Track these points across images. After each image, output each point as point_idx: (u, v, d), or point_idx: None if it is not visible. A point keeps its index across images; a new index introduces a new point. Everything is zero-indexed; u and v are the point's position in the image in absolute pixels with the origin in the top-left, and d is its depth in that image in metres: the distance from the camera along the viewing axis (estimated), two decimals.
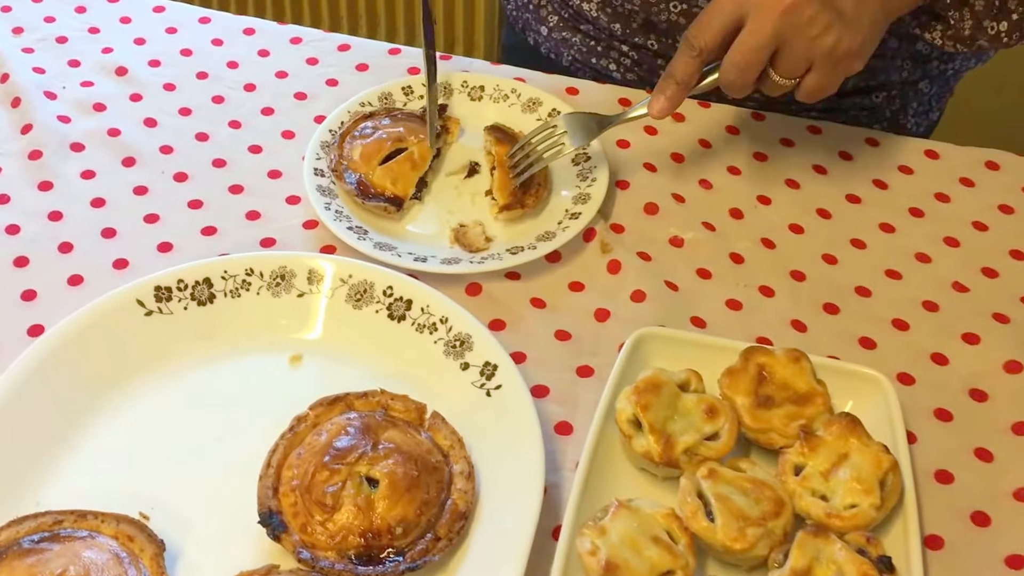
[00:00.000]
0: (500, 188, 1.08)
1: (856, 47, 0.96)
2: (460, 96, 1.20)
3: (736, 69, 0.97)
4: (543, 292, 1.03)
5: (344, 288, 0.98)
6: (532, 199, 1.08)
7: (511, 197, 1.07)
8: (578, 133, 1.07)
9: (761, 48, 0.95)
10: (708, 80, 1.01)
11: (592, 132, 1.07)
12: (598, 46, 1.30)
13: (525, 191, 1.08)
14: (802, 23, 0.94)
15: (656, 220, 1.10)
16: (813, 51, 0.96)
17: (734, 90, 1.00)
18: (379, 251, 1.02)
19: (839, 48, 0.95)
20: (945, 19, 1.08)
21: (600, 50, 1.30)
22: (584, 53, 1.32)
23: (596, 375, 0.96)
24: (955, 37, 1.08)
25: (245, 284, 0.97)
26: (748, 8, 0.95)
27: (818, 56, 0.96)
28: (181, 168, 1.13)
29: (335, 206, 1.07)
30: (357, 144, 1.10)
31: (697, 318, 1.01)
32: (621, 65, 1.30)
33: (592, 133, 1.07)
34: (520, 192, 1.08)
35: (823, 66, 0.97)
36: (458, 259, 1.03)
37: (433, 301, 0.96)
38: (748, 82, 0.97)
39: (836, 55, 0.96)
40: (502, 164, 1.09)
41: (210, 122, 1.18)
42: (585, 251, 1.06)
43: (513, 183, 1.08)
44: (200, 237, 1.06)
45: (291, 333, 0.97)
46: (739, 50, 0.96)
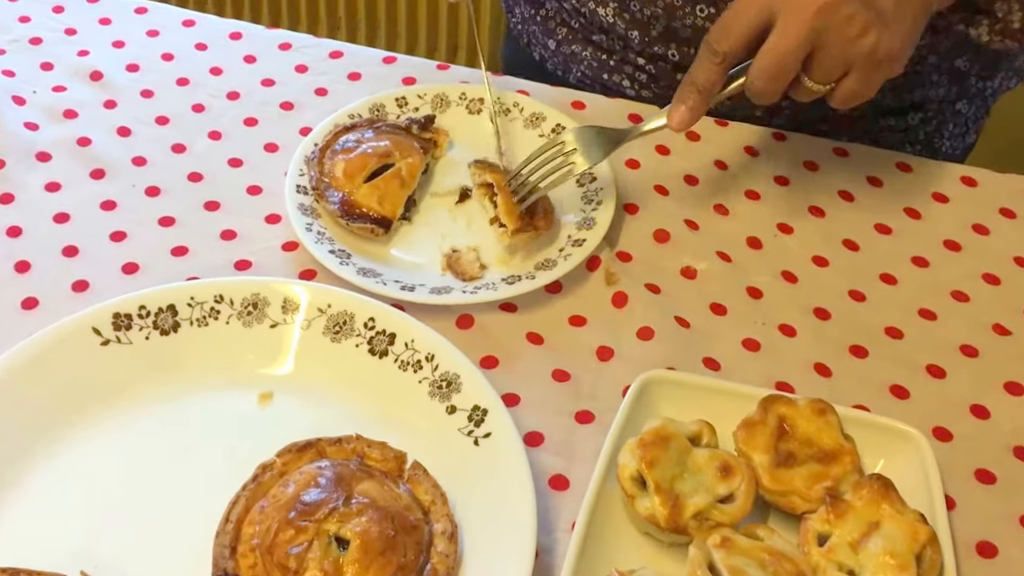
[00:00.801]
0: (507, 213, 0.98)
1: (897, 49, 0.86)
2: (457, 108, 1.11)
3: (765, 75, 0.87)
4: (541, 326, 0.93)
5: (322, 319, 0.88)
6: (543, 220, 0.98)
7: (520, 220, 0.97)
8: (589, 150, 0.96)
9: (793, 52, 0.85)
10: (732, 87, 0.91)
11: (604, 149, 0.96)
12: (610, 60, 1.21)
13: (533, 214, 0.99)
14: (839, 22, 0.84)
15: (667, 249, 1.00)
16: (851, 53, 0.86)
17: (762, 98, 0.90)
18: (363, 278, 0.92)
19: (879, 50, 0.85)
20: (991, 13, 0.98)
21: (613, 64, 1.21)
22: (595, 68, 1.22)
23: (597, 421, 0.86)
24: (1004, 31, 0.98)
25: (213, 312, 0.88)
26: (777, 7, 0.85)
27: (857, 59, 0.86)
28: (154, 182, 1.04)
29: (317, 227, 0.97)
30: (339, 159, 1.01)
31: (710, 359, 0.91)
32: (635, 81, 1.20)
33: (604, 150, 0.96)
34: (528, 215, 0.98)
35: (862, 69, 0.87)
36: (449, 288, 0.94)
37: (419, 335, 0.87)
38: (778, 89, 0.87)
39: (876, 57, 0.86)
40: (503, 188, 1.00)
41: (188, 132, 1.09)
42: (588, 282, 0.97)
43: (518, 208, 0.98)
44: (169, 258, 0.97)
45: (261, 368, 0.88)
46: (769, 55, 0.86)
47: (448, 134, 1.07)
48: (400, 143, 1.03)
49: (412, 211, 1.02)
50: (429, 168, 1.05)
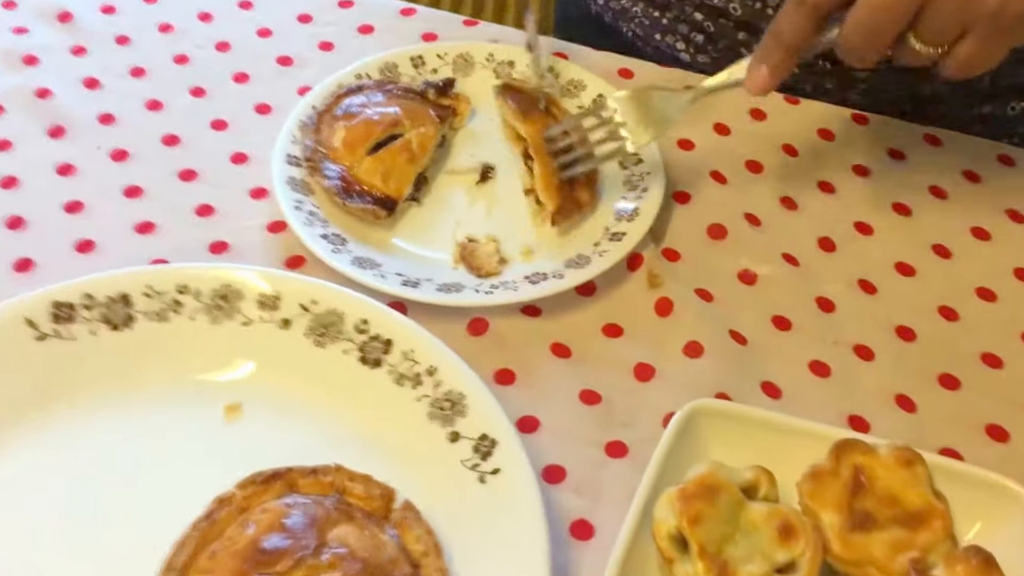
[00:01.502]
0: (546, 187, 0.85)
1: None
2: (483, 71, 0.97)
3: (862, 31, 0.72)
4: (568, 336, 0.80)
5: (305, 318, 0.75)
6: (586, 193, 0.85)
7: (561, 196, 0.84)
8: (645, 120, 0.83)
9: (899, 4, 0.71)
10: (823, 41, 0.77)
11: (664, 118, 0.83)
12: (663, 17, 1.06)
13: (573, 185, 0.85)
14: None
15: (723, 247, 0.86)
16: (971, 11, 0.70)
17: (857, 58, 0.75)
18: (358, 269, 0.79)
19: (1008, 9, 0.70)
20: None
21: (666, 22, 1.06)
22: (646, 27, 1.08)
23: (631, 456, 0.73)
24: None
25: (176, 305, 0.75)
26: None
27: (978, 18, 0.71)
28: (122, 144, 0.91)
29: (309, 205, 0.84)
30: (340, 126, 0.87)
31: (770, 384, 0.78)
32: (691, 43, 1.06)
33: (664, 120, 0.83)
34: (568, 187, 0.85)
35: (983, 32, 0.71)
36: (460, 286, 0.80)
37: (420, 344, 0.73)
38: (877, 48, 0.74)
39: (1003, 19, 0.70)
40: (540, 149, 0.86)
41: (167, 87, 0.96)
42: (627, 284, 0.83)
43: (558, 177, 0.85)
44: (132, 235, 0.84)
45: (229, 374, 0.75)
46: (868, 5, 0.72)
47: (470, 102, 0.93)
48: (413, 110, 0.90)
49: (422, 191, 0.88)
50: (446, 140, 0.92)
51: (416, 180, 0.87)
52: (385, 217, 0.84)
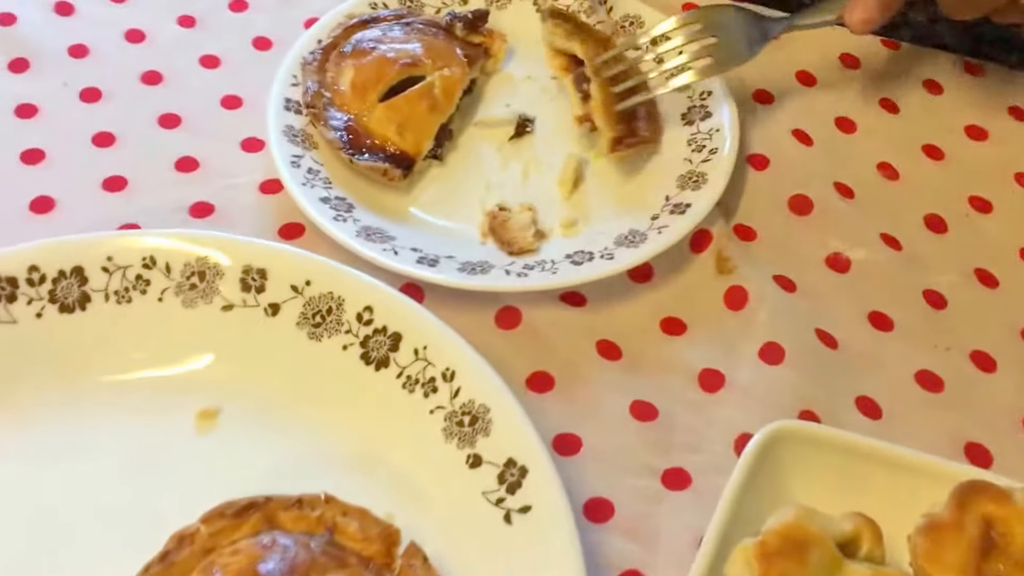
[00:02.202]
0: (604, 109, 0.72)
1: None
2: (520, 4, 0.82)
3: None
4: (619, 332, 0.66)
5: (296, 303, 0.62)
6: (647, 127, 0.73)
7: (620, 124, 0.72)
8: (730, 39, 0.71)
9: None
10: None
11: (750, 41, 0.71)
12: None
13: (632, 118, 0.73)
14: None
15: (808, 225, 0.72)
16: None
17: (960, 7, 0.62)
18: (365, 242, 0.66)
19: None
20: None
21: None
22: None
23: (695, 489, 0.60)
24: None
25: (141, 282, 0.63)
26: None
27: None
28: (94, 81, 0.78)
29: (309, 161, 0.71)
30: (348, 66, 0.74)
31: (867, 400, 0.64)
32: None
33: (750, 43, 0.71)
34: (625, 117, 0.73)
35: None
36: (488, 265, 0.67)
37: (435, 340, 0.60)
38: None
39: None
40: (598, 73, 0.74)
41: (151, 14, 0.83)
42: (691, 268, 0.70)
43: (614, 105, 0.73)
44: (99, 193, 0.72)
45: (204, 370, 0.62)
46: None
47: (506, 39, 0.79)
48: (437, 48, 0.76)
49: (446, 147, 0.75)
50: (475, 86, 0.78)
51: (438, 133, 0.73)
52: (400, 179, 0.71)
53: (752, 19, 0.71)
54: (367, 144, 0.71)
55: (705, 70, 0.71)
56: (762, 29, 0.71)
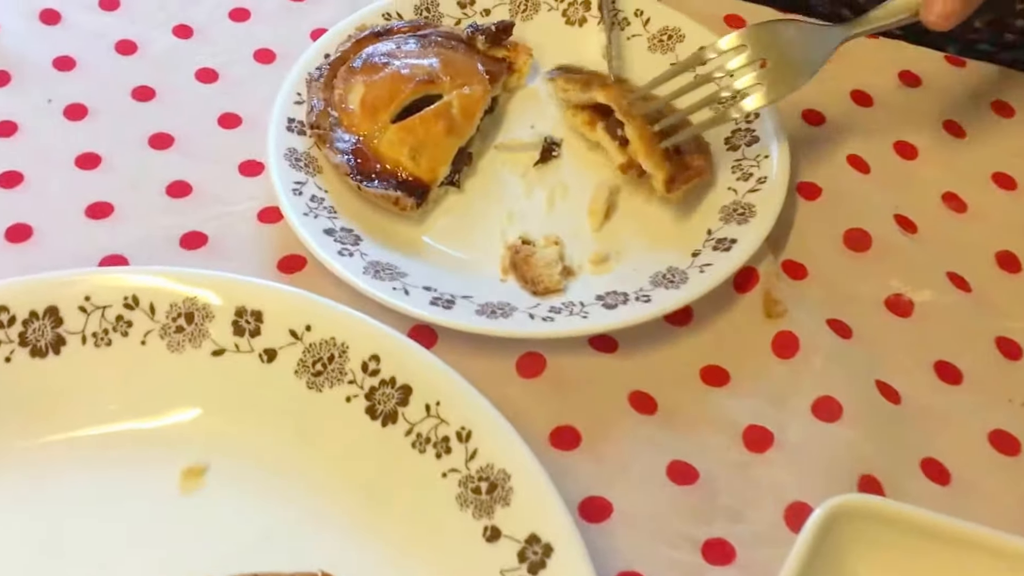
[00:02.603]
0: (648, 149, 0.66)
1: None
2: (549, 15, 0.76)
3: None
4: (654, 382, 0.60)
5: (296, 349, 0.57)
6: (701, 159, 0.67)
7: (668, 162, 0.66)
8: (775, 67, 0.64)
9: None
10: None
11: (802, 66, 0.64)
12: None
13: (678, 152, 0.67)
14: None
15: (866, 262, 0.66)
16: None
17: None
18: (373, 280, 0.60)
19: None
20: None
21: None
22: None
23: (739, 564, 0.54)
24: None
25: (122, 324, 0.57)
26: None
27: None
28: (80, 96, 0.72)
29: (312, 188, 0.65)
30: (358, 82, 0.68)
31: (934, 463, 0.58)
32: None
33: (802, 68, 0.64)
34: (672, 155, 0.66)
35: None
36: (510, 307, 0.61)
37: (450, 394, 0.55)
38: None
39: None
40: (629, 110, 0.67)
41: (145, 24, 0.78)
42: (736, 311, 0.64)
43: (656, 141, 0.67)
44: (82, 221, 0.66)
45: (192, 425, 0.56)
46: None
47: (532, 54, 0.73)
48: (455, 63, 0.70)
49: (464, 172, 0.69)
50: (497, 105, 0.72)
51: (456, 158, 0.67)
52: (413, 208, 0.65)
53: (814, 31, 0.64)
54: (377, 169, 0.65)
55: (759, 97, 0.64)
56: (826, 42, 0.64)
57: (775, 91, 0.63)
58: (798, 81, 0.63)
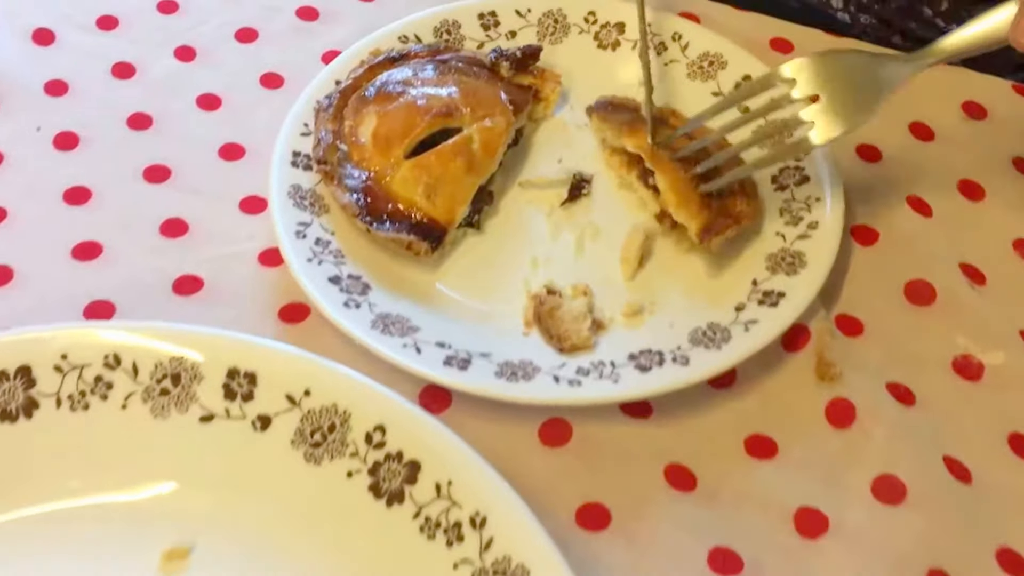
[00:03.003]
0: (679, 197, 0.59)
1: None
2: (580, 39, 0.70)
3: None
4: (692, 452, 0.54)
5: (293, 416, 0.50)
6: (744, 204, 0.60)
7: (706, 210, 0.59)
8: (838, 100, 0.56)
9: None
10: None
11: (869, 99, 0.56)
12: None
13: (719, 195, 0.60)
14: None
15: (929, 317, 0.59)
16: None
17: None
18: (382, 336, 0.54)
19: None
20: None
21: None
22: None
23: None
24: None
25: (101, 386, 0.51)
26: None
27: None
28: (72, 124, 0.67)
29: (317, 230, 0.59)
30: (370, 113, 0.62)
31: (1012, 554, 0.51)
32: (852, 0, 0.78)
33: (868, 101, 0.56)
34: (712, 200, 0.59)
35: None
36: (532, 367, 0.54)
37: (463, 474, 0.48)
38: None
39: None
40: (658, 157, 0.60)
41: (145, 44, 0.72)
42: (784, 372, 0.57)
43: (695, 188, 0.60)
44: (67, 262, 0.60)
45: (176, 499, 0.50)
46: None
47: (560, 81, 0.67)
48: (477, 92, 0.63)
49: (484, 213, 0.62)
50: (522, 137, 0.65)
51: (476, 197, 0.61)
52: (427, 253, 0.58)
53: (874, 64, 0.57)
54: (389, 209, 0.59)
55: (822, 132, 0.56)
56: (888, 73, 0.56)
57: (830, 130, 0.56)
58: (857, 119, 0.56)
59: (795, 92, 0.57)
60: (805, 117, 0.56)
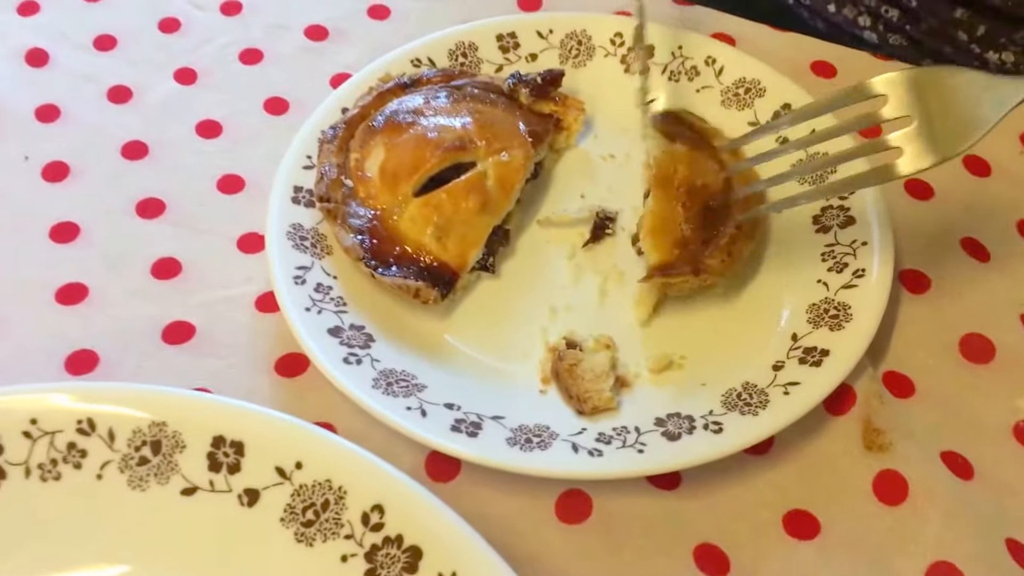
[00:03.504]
0: (654, 228, 0.55)
1: None
2: (602, 62, 0.64)
3: None
4: (724, 530, 0.49)
5: (283, 491, 0.45)
6: (719, 259, 0.53)
7: (676, 249, 0.54)
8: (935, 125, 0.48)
9: None
10: None
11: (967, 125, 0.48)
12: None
13: (708, 240, 0.53)
14: None
15: (987, 377, 0.54)
16: None
17: None
18: (384, 397, 0.49)
19: None
20: None
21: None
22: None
23: None
24: None
25: (74, 454, 0.46)
26: None
27: None
28: (62, 153, 0.62)
29: (318, 274, 0.53)
30: (377, 144, 0.56)
31: None
32: (880, 20, 0.72)
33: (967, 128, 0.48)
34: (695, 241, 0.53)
35: None
36: (550, 433, 0.49)
37: (469, 564, 0.42)
38: None
39: None
40: (665, 180, 0.56)
41: (144, 67, 0.67)
42: (828, 437, 0.51)
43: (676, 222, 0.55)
44: (51, 307, 0.55)
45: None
46: None
47: (584, 108, 0.61)
48: (493, 122, 0.58)
49: (500, 254, 0.57)
50: (542, 170, 0.60)
51: (491, 237, 0.55)
52: (436, 300, 0.53)
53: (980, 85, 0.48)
54: (396, 252, 0.53)
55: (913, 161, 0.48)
56: (997, 96, 0.47)
57: (920, 159, 0.48)
58: (954, 147, 0.48)
59: (885, 111, 0.49)
60: (894, 141, 0.49)
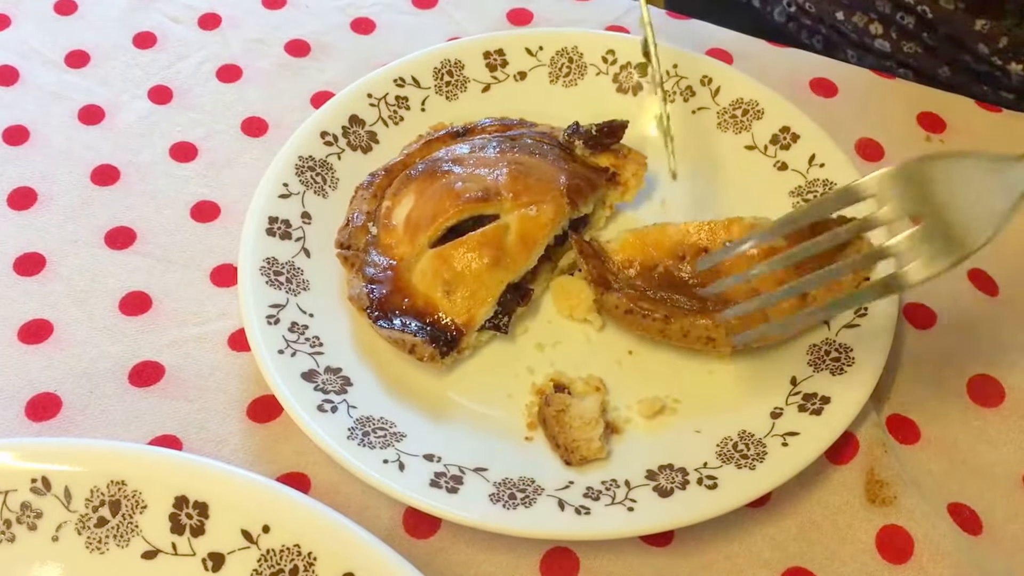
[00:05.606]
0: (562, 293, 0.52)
1: None
2: (597, 81, 0.59)
3: None
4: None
5: (249, 556, 0.41)
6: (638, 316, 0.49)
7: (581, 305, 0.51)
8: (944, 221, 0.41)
9: None
10: None
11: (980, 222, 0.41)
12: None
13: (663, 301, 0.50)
14: None
15: (997, 422, 0.50)
16: None
17: None
18: (358, 449, 0.44)
19: None
20: None
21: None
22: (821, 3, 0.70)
23: None
24: None
25: (28, 514, 0.42)
26: None
27: None
28: (30, 179, 0.57)
29: (293, 311, 0.49)
30: (410, 192, 0.52)
31: None
32: (893, 26, 0.67)
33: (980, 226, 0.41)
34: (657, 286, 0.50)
35: None
36: (535, 488, 0.45)
37: None
38: None
39: None
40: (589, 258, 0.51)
41: (117, 85, 0.62)
42: (829, 489, 0.47)
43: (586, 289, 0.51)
44: (13, 345, 0.51)
45: None
46: None
47: (646, 163, 0.55)
48: (530, 175, 0.52)
49: (518, 313, 0.51)
50: (587, 226, 0.54)
51: (508, 295, 0.50)
52: (433, 358, 0.48)
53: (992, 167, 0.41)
54: (404, 305, 0.49)
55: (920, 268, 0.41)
56: (1007, 182, 0.40)
57: (934, 262, 0.41)
58: (971, 242, 0.40)
59: (883, 211, 0.42)
60: (897, 247, 0.42)
